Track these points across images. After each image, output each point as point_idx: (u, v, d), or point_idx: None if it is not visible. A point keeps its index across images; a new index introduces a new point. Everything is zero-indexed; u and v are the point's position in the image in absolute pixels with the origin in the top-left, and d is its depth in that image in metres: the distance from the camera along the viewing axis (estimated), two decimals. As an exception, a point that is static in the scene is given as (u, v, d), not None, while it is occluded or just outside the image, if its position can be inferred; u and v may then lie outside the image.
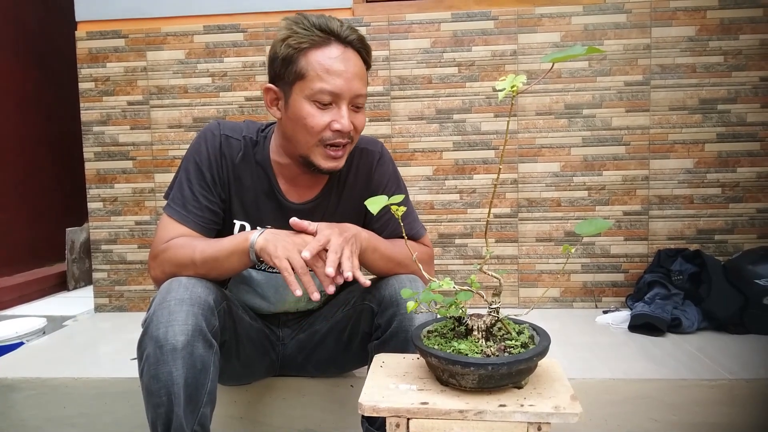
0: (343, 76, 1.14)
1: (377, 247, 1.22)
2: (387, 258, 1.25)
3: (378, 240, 1.24)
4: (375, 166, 1.34)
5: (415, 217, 1.37)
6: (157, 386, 1.00)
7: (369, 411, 0.80)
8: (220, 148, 1.25)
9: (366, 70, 1.21)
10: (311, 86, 1.14)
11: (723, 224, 2.19)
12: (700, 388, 1.50)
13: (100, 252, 2.39)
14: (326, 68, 1.13)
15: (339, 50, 1.15)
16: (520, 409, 0.77)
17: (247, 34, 2.27)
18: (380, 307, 1.20)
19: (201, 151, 1.25)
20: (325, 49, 1.14)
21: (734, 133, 2.16)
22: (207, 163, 1.24)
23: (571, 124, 2.20)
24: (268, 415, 1.57)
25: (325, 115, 1.15)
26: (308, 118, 1.15)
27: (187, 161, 1.25)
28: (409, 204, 1.36)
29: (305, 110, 1.15)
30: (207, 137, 1.26)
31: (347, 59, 1.15)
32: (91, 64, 2.34)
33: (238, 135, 1.28)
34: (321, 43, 1.14)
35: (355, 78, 1.15)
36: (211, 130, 1.27)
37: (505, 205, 2.25)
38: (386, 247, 1.25)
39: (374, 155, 1.34)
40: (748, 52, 2.13)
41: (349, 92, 1.15)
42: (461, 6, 2.25)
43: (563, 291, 2.26)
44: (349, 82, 1.14)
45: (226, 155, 1.26)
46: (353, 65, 1.16)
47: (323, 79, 1.13)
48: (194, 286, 1.09)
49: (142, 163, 2.35)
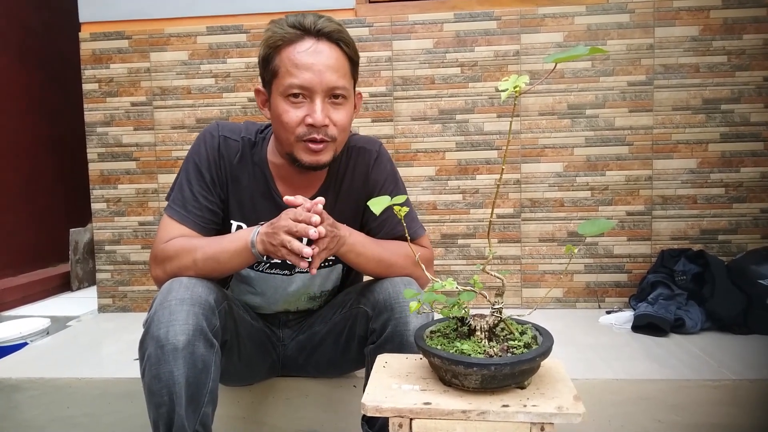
0: (312, 69, 1.13)
1: (362, 252, 1.21)
2: (376, 260, 1.24)
3: (366, 243, 1.23)
4: (372, 166, 1.33)
5: (413, 217, 1.36)
6: (158, 386, 1.01)
7: (372, 411, 0.80)
8: (219, 149, 1.26)
9: (349, 62, 1.19)
10: (282, 82, 1.15)
11: (726, 224, 2.18)
12: (703, 388, 1.49)
13: (104, 252, 2.40)
14: (295, 62, 1.13)
15: (309, 44, 1.14)
16: (523, 409, 0.77)
17: (250, 35, 2.28)
18: (374, 311, 1.19)
19: (200, 152, 1.26)
20: (296, 44, 1.14)
21: (738, 133, 2.15)
22: (206, 163, 1.25)
23: (574, 125, 2.20)
24: (270, 416, 1.57)
25: (299, 111, 1.15)
26: (283, 115, 1.16)
27: (187, 162, 1.27)
28: (407, 204, 1.35)
29: (281, 107, 1.16)
30: (206, 138, 1.27)
31: (318, 51, 1.14)
32: (94, 65, 2.34)
33: (236, 136, 1.29)
34: (293, 39, 1.14)
35: (327, 70, 1.14)
36: (210, 132, 1.28)
37: (507, 205, 2.25)
38: (374, 250, 1.23)
39: (371, 154, 1.34)
40: (752, 51, 2.13)
41: (321, 85, 1.14)
42: (464, 6, 2.25)
43: (566, 291, 2.26)
44: (320, 75, 1.13)
45: (224, 156, 1.26)
46: (326, 57, 1.14)
47: (292, 74, 1.13)
48: (195, 286, 1.09)
49: (146, 163, 2.36)
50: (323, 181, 1.31)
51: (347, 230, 1.20)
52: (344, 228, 1.19)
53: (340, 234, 1.15)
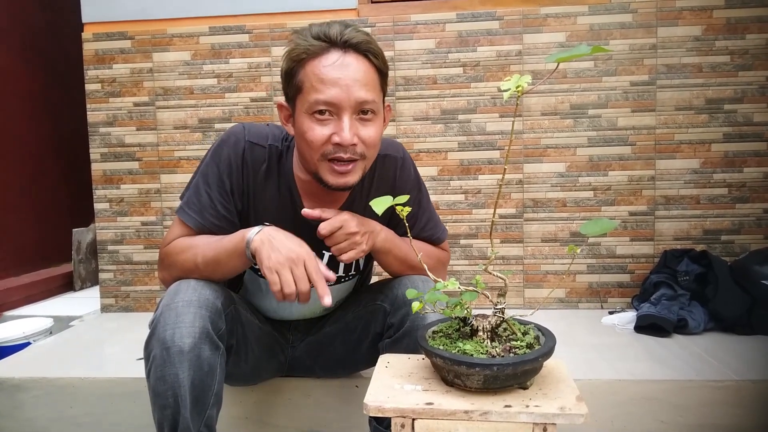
0: (339, 84, 1.05)
1: (392, 249, 1.22)
2: (401, 260, 1.25)
3: (395, 241, 1.24)
4: (398, 173, 1.30)
5: (437, 221, 1.36)
6: (163, 388, 1.00)
7: (374, 411, 0.80)
8: (243, 155, 1.18)
9: (378, 74, 1.12)
10: (307, 98, 1.07)
11: (729, 224, 2.18)
12: (706, 389, 1.49)
13: (107, 252, 2.40)
14: (320, 78, 1.05)
15: (336, 56, 1.06)
16: (525, 409, 0.77)
17: (253, 35, 2.28)
18: (393, 306, 1.20)
19: (223, 156, 1.18)
20: (321, 57, 1.06)
21: (741, 133, 2.15)
22: (228, 170, 1.17)
23: (576, 125, 2.20)
24: (273, 416, 1.57)
25: (325, 128, 1.07)
26: (308, 133, 1.08)
27: (207, 165, 1.19)
28: (430, 207, 1.35)
29: (305, 124, 1.08)
30: (231, 142, 1.18)
31: (345, 65, 1.06)
32: (97, 66, 2.35)
33: (263, 142, 1.20)
34: (318, 52, 1.06)
35: (355, 84, 1.06)
36: (236, 135, 1.19)
37: (510, 205, 2.25)
38: (401, 249, 1.24)
39: (397, 161, 1.30)
40: (755, 51, 2.12)
41: (349, 101, 1.06)
42: (466, 6, 2.25)
43: (569, 291, 2.26)
44: (348, 90, 1.05)
45: (248, 164, 1.19)
46: (353, 71, 1.06)
47: (318, 90, 1.05)
48: (203, 288, 1.08)
49: (148, 164, 2.36)
50: (349, 194, 1.25)
51: (376, 225, 1.19)
52: (373, 223, 1.19)
53: (372, 229, 1.16)
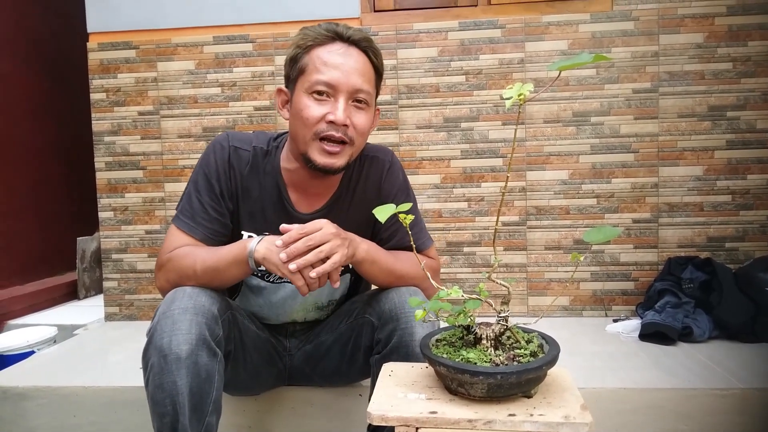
0: (340, 69, 1.15)
1: (376, 260, 1.21)
2: (387, 271, 1.24)
3: (378, 253, 1.23)
4: (385, 176, 1.33)
5: (422, 228, 1.36)
6: (161, 396, 1.00)
7: (378, 420, 0.80)
8: (229, 159, 1.25)
9: (375, 72, 1.21)
10: (309, 78, 1.16)
11: (733, 232, 2.17)
12: (711, 397, 1.48)
13: (111, 261, 2.41)
14: (324, 61, 1.15)
15: (341, 46, 1.17)
16: (529, 418, 0.77)
17: (256, 45, 2.29)
18: (380, 321, 1.19)
19: (210, 162, 1.25)
20: (328, 45, 1.17)
21: (744, 140, 2.15)
22: (215, 174, 1.24)
23: (579, 132, 2.20)
24: (276, 425, 1.57)
25: (321, 108, 1.16)
26: (305, 110, 1.16)
27: (196, 173, 1.26)
28: (417, 214, 1.35)
29: (303, 102, 1.17)
30: (216, 149, 1.26)
31: (348, 54, 1.17)
32: (102, 75, 2.37)
33: (247, 146, 1.28)
34: (325, 41, 1.17)
35: (354, 72, 1.16)
36: (220, 142, 1.27)
37: (513, 213, 2.25)
38: (386, 260, 1.24)
39: (384, 164, 1.34)
40: (757, 58, 2.13)
41: (347, 85, 1.15)
42: (468, 15, 2.26)
43: (572, 299, 2.25)
44: (348, 75, 1.15)
45: (234, 166, 1.26)
46: (354, 61, 1.17)
47: (320, 71, 1.15)
48: (198, 296, 1.09)
49: (153, 172, 2.37)
50: (336, 190, 1.31)
51: (360, 239, 1.20)
52: (356, 237, 1.19)
53: (352, 238, 1.16)
